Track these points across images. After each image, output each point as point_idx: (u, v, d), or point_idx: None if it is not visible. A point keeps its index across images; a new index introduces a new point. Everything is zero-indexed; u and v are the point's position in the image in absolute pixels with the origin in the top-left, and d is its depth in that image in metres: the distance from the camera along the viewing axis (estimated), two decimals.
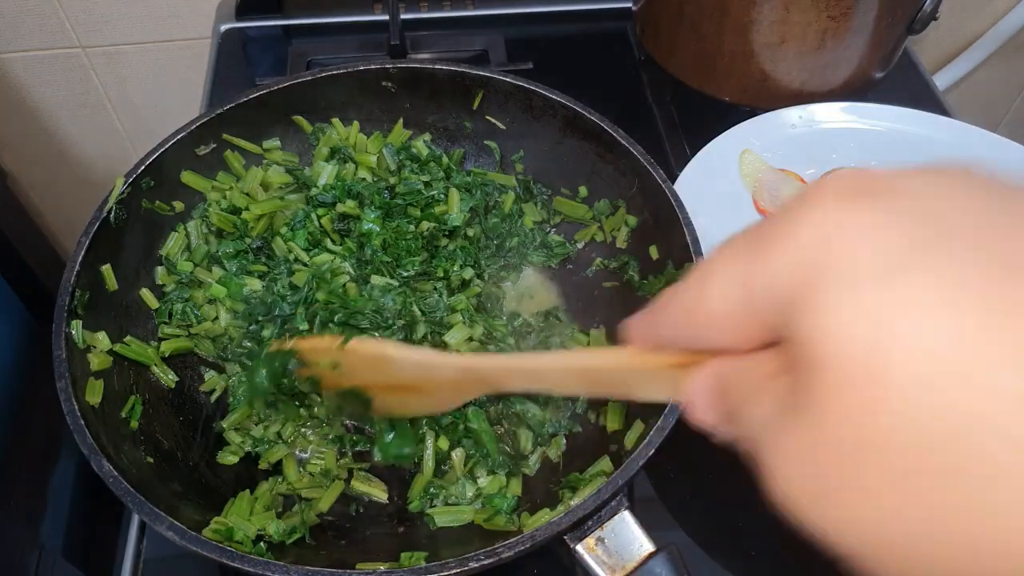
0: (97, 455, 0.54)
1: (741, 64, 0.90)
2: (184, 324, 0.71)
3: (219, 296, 0.72)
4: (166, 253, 0.73)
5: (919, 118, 0.92)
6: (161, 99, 1.29)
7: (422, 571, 0.50)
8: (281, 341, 0.65)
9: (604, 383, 0.42)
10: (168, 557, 0.68)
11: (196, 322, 0.71)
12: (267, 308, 0.71)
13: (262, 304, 0.71)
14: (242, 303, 0.72)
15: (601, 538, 0.54)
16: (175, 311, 0.71)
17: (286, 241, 0.74)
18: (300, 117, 0.79)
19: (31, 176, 1.40)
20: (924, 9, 0.87)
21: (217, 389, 0.71)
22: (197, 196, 0.75)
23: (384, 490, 0.67)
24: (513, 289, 0.80)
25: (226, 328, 0.71)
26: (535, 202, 0.82)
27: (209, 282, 0.72)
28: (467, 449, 0.67)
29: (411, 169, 0.80)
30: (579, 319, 0.77)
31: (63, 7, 1.14)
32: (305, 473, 0.67)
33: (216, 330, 0.71)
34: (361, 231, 0.75)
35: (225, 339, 0.72)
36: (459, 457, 0.67)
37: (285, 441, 0.68)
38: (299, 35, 1.11)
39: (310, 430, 0.69)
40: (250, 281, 0.73)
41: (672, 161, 0.96)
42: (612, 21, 1.15)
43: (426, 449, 0.66)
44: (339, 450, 0.68)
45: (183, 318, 0.71)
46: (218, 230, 0.74)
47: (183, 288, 0.72)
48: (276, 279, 0.72)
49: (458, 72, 0.78)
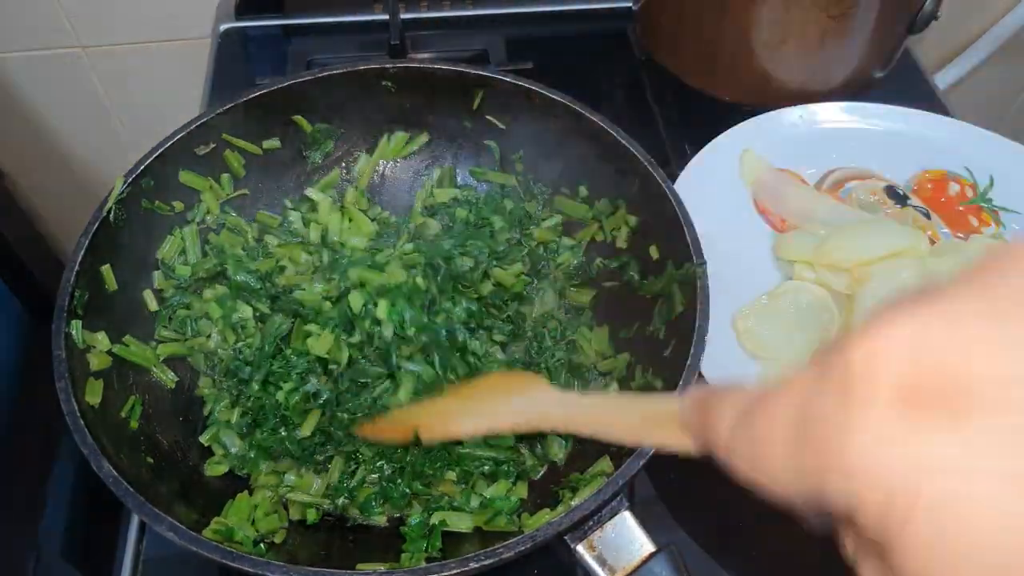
0: (97, 455, 0.54)
1: (741, 64, 0.90)
2: (180, 333, 0.71)
3: (214, 316, 0.71)
4: (162, 256, 0.72)
5: (919, 118, 0.92)
6: (161, 99, 1.28)
7: (422, 571, 0.50)
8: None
9: (653, 436, 0.43)
10: (168, 557, 0.68)
11: (191, 335, 0.71)
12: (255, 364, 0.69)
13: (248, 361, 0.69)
14: (231, 330, 0.71)
15: (601, 538, 0.54)
16: (176, 317, 0.71)
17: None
18: (300, 117, 0.79)
19: (30, 176, 1.40)
20: (924, 9, 0.87)
21: (206, 399, 0.70)
22: (197, 196, 0.75)
23: (382, 513, 0.66)
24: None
25: (215, 349, 0.71)
26: (536, 201, 0.81)
27: (208, 298, 0.72)
28: (470, 470, 0.66)
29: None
30: (580, 319, 0.78)
31: (63, 7, 1.14)
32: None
33: (208, 346, 0.71)
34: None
35: (215, 359, 0.71)
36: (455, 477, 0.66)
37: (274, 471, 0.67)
38: (299, 35, 1.11)
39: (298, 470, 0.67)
40: (242, 308, 0.72)
41: (672, 161, 0.96)
42: (612, 21, 1.15)
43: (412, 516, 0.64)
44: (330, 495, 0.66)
45: (181, 327, 0.71)
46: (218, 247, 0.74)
47: (183, 293, 0.72)
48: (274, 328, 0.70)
49: (458, 72, 0.78)
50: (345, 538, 0.64)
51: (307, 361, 0.67)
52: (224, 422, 0.67)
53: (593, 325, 0.77)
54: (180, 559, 0.68)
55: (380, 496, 0.65)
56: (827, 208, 0.83)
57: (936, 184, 0.88)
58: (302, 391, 0.66)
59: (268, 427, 0.66)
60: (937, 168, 0.89)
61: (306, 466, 0.66)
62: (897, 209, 0.85)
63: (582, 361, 0.74)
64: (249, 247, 0.76)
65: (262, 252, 0.76)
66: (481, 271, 0.72)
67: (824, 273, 0.77)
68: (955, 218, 0.85)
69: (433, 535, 0.61)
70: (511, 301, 0.74)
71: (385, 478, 0.65)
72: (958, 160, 0.89)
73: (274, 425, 0.66)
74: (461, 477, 0.65)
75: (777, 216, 0.84)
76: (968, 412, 0.20)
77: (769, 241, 0.82)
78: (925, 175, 0.88)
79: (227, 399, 0.69)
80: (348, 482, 0.66)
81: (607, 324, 0.75)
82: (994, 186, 0.87)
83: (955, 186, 0.88)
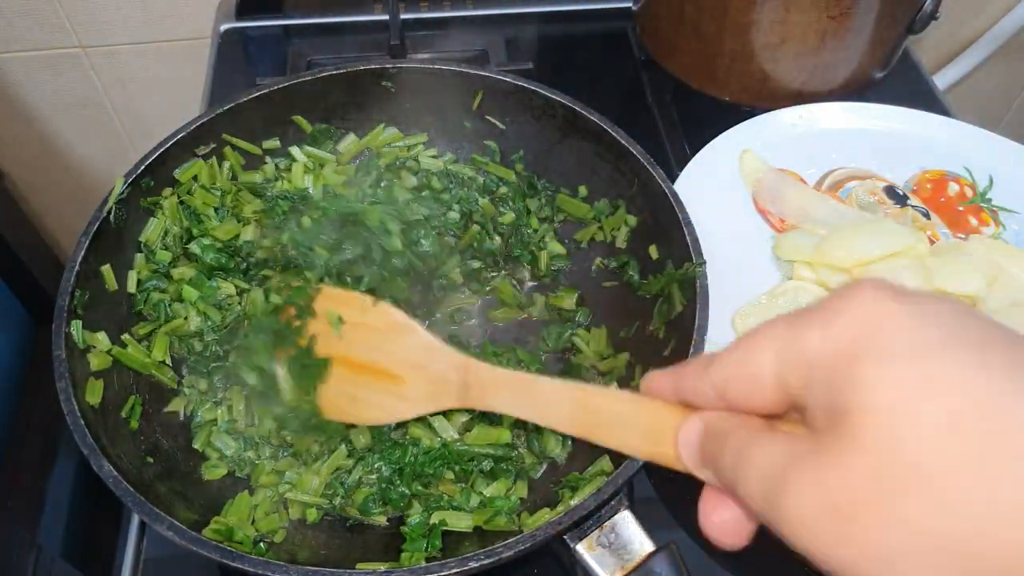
0: (97, 455, 0.54)
1: (741, 64, 0.90)
2: (155, 318, 0.70)
3: (191, 299, 0.70)
4: (145, 240, 0.71)
5: (919, 118, 0.92)
6: (161, 99, 1.28)
7: (422, 571, 0.50)
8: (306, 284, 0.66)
9: (600, 425, 0.42)
10: (168, 557, 0.68)
11: (166, 319, 0.70)
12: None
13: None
14: (215, 308, 0.71)
15: (601, 538, 0.54)
16: (151, 300, 0.70)
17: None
18: (300, 117, 0.79)
19: (30, 177, 1.40)
20: (924, 9, 0.87)
21: (181, 411, 0.69)
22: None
23: (382, 514, 0.66)
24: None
25: (198, 330, 0.70)
26: (539, 198, 0.82)
27: (180, 279, 0.71)
28: (468, 470, 0.66)
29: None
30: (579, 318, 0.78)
31: (63, 7, 1.14)
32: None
33: (184, 329, 0.70)
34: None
35: (194, 341, 0.71)
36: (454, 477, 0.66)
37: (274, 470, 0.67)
38: (299, 35, 1.11)
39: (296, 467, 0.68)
40: (224, 286, 0.72)
41: (672, 161, 0.96)
42: (612, 21, 1.15)
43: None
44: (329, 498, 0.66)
45: (155, 310, 0.70)
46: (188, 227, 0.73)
47: (159, 277, 0.71)
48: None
49: (458, 72, 0.78)
50: (345, 538, 0.64)
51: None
52: (210, 422, 0.68)
53: (591, 326, 0.77)
54: (180, 559, 0.68)
55: (379, 497, 0.65)
56: (827, 208, 0.83)
57: (936, 184, 0.88)
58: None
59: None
60: (937, 168, 0.89)
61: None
62: (897, 209, 0.85)
63: (581, 362, 0.74)
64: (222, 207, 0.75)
65: (231, 213, 0.75)
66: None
67: (824, 273, 0.77)
68: (955, 218, 0.85)
69: (433, 535, 0.61)
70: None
71: (383, 479, 0.65)
72: (958, 160, 0.89)
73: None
74: (460, 476, 0.65)
75: (777, 216, 0.84)
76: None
77: (769, 241, 0.82)
78: (925, 175, 0.89)
79: (208, 402, 0.69)
80: (345, 479, 0.66)
81: (605, 324, 0.75)
82: (993, 186, 0.87)
83: (955, 186, 0.88)
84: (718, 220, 0.79)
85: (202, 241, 0.72)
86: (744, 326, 0.74)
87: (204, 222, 0.73)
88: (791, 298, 0.76)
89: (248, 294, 0.72)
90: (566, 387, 0.45)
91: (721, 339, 0.73)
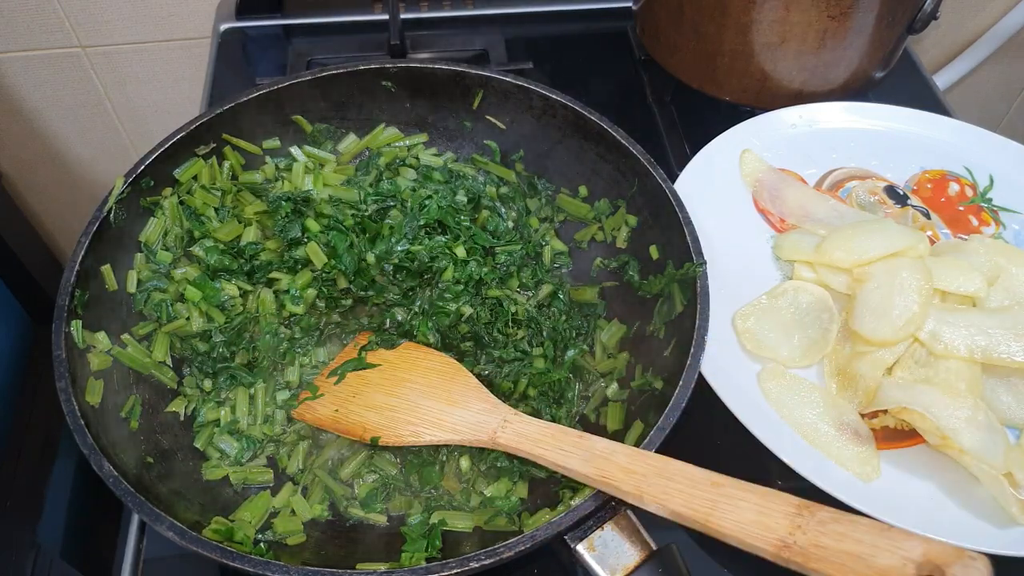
0: (97, 455, 0.54)
1: (741, 64, 0.89)
2: (155, 318, 0.69)
3: (194, 299, 0.70)
4: (145, 240, 0.71)
5: (919, 118, 0.92)
6: (161, 99, 1.28)
7: (422, 571, 0.50)
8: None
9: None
10: (168, 557, 0.68)
11: (167, 319, 0.70)
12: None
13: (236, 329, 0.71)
14: (218, 310, 0.71)
15: (601, 538, 0.54)
16: (151, 300, 0.69)
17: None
18: (300, 117, 0.79)
19: (30, 177, 1.40)
20: (924, 9, 0.87)
21: (189, 400, 0.69)
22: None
23: (383, 513, 0.66)
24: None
25: (200, 331, 0.70)
26: (539, 198, 0.81)
27: (183, 279, 0.71)
28: (476, 464, 0.67)
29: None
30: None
31: (63, 7, 1.14)
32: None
33: (187, 330, 0.70)
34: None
35: (196, 342, 0.70)
36: (467, 466, 0.67)
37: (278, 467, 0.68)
38: (299, 35, 1.11)
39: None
40: (227, 287, 0.71)
41: (672, 161, 0.96)
42: (612, 21, 1.15)
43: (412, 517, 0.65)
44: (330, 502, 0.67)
45: (156, 311, 0.69)
46: (191, 223, 0.73)
47: (159, 278, 0.71)
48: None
49: (458, 72, 0.78)
50: (345, 538, 0.64)
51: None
52: (213, 422, 0.68)
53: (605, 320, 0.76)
54: (180, 559, 0.68)
55: (382, 490, 0.65)
56: (827, 208, 0.83)
57: (936, 184, 0.88)
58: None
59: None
60: (937, 168, 0.89)
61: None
62: (897, 209, 0.85)
63: (583, 364, 0.74)
64: (222, 208, 0.75)
65: (231, 213, 0.75)
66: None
67: (824, 273, 0.77)
68: (955, 218, 0.85)
69: (433, 535, 0.61)
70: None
71: (386, 477, 0.66)
72: (958, 160, 0.89)
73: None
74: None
75: (777, 216, 0.84)
76: None
77: (769, 241, 0.82)
78: (925, 175, 0.89)
79: (212, 402, 0.69)
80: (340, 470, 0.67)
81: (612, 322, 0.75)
82: (994, 186, 0.87)
83: (955, 186, 0.88)
84: (718, 220, 0.79)
85: (205, 243, 0.72)
86: (744, 326, 0.74)
87: (205, 223, 0.73)
88: (791, 298, 0.76)
89: (255, 295, 0.72)
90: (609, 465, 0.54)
91: (721, 339, 0.73)
